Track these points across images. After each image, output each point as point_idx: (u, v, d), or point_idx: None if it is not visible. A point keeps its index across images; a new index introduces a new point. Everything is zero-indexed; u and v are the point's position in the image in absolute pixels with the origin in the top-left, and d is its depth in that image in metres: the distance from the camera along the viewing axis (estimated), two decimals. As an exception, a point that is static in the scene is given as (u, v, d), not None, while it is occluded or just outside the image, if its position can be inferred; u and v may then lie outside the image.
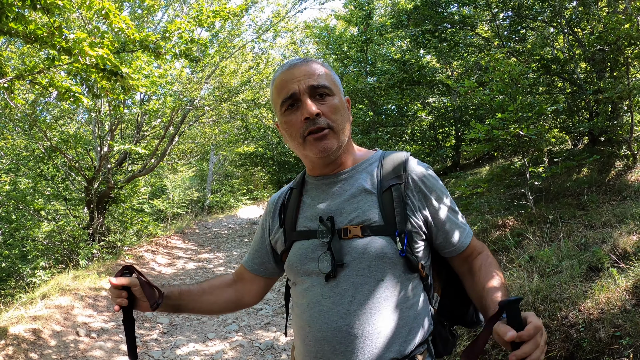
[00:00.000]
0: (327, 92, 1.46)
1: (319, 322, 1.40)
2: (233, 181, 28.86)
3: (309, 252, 1.48)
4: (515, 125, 6.02)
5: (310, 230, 1.51)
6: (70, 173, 11.42)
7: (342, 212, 1.47)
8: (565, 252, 4.75)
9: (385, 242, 1.39)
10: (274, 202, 1.72)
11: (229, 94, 13.55)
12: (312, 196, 1.58)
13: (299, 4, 14.97)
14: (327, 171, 1.56)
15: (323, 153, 1.45)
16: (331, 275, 1.40)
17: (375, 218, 1.43)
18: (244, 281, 1.79)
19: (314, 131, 1.43)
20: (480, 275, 1.44)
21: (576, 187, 6.79)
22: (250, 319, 6.58)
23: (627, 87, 5.93)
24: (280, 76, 1.50)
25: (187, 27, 7.32)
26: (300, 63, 1.50)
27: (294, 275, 1.54)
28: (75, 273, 7.86)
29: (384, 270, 1.39)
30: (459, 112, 12.79)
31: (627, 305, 3.51)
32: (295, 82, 1.45)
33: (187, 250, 12.33)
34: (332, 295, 1.40)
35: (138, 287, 1.58)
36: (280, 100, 1.48)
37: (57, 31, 4.72)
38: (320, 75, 1.48)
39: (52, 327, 5.40)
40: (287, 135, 1.52)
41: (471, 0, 8.86)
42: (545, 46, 8.07)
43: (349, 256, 1.40)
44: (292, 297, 1.58)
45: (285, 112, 1.48)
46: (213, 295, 1.73)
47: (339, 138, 1.47)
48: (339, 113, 1.47)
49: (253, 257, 1.76)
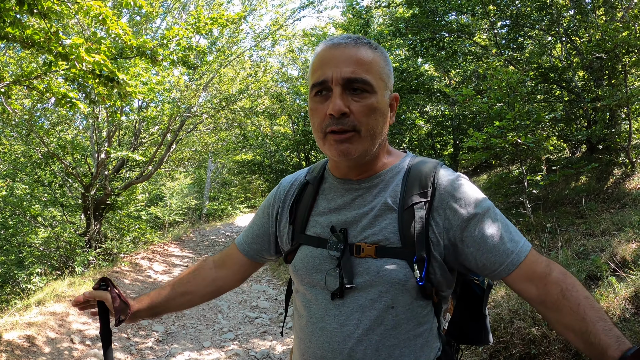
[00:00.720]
0: (365, 88, 1.25)
1: (321, 340, 1.32)
2: (231, 189, 28.85)
3: (316, 262, 1.37)
4: (513, 133, 6.01)
5: (320, 238, 1.39)
6: (67, 179, 11.39)
7: (357, 226, 1.33)
8: (564, 260, 4.72)
9: (400, 267, 1.26)
10: (285, 191, 1.57)
11: (227, 102, 13.55)
12: (329, 198, 1.44)
13: (298, 12, 15.00)
14: (350, 174, 1.40)
15: (341, 157, 1.28)
16: (337, 295, 1.30)
17: (393, 239, 1.28)
18: (229, 265, 1.70)
19: (335, 131, 1.25)
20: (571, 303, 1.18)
21: (574, 195, 6.77)
22: (246, 327, 6.54)
23: (625, 95, 5.93)
24: (320, 53, 1.31)
25: (185, 34, 7.30)
26: (345, 44, 1.28)
27: (298, 281, 1.44)
28: (71, 280, 7.81)
29: (395, 297, 1.26)
30: (457, 120, 12.78)
31: (626, 314, 3.49)
32: (332, 66, 1.25)
33: (184, 257, 12.28)
34: (338, 314, 1.30)
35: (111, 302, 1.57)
36: (312, 81, 1.30)
37: (54, 36, 4.70)
38: (364, 64, 1.26)
39: (46, 334, 5.35)
40: (311, 121, 1.34)
41: (469, 9, 8.88)
42: (543, 54, 8.09)
43: (359, 277, 1.28)
44: (295, 302, 1.50)
45: (315, 97, 1.30)
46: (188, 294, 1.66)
47: (366, 143, 1.27)
48: (374, 115, 1.27)
49: (251, 242, 1.64)
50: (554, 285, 1.21)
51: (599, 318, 1.14)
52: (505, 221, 1.31)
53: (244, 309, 7.47)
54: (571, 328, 1.17)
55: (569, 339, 1.21)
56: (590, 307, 1.16)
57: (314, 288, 1.37)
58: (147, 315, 1.64)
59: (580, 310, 1.16)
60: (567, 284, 1.21)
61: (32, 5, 4.35)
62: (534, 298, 1.24)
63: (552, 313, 1.21)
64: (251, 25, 14.73)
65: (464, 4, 8.83)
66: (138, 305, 1.61)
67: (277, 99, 15.88)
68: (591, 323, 1.13)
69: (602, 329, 1.12)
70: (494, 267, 1.26)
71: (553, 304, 1.21)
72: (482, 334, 1.51)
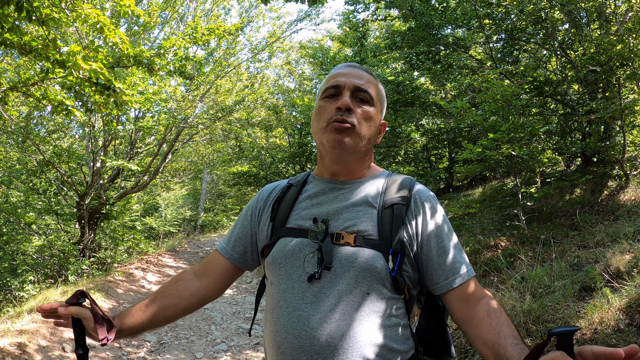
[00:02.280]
0: (367, 100, 1.51)
1: (298, 329, 1.33)
2: (226, 201, 28.76)
3: (295, 250, 1.44)
4: (507, 146, 6.04)
5: (301, 229, 1.48)
6: (63, 187, 11.36)
7: (338, 218, 1.45)
8: (558, 272, 4.73)
9: (377, 256, 1.36)
10: (268, 192, 1.68)
11: (223, 113, 13.57)
12: (311, 196, 1.56)
13: (295, 24, 15.10)
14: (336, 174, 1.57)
15: (336, 144, 1.45)
16: (315, 277, 1.35)
17: (372, 231, 1.40)
18: (211, 273, 1.66)
19: (339, 120, 1.45)
20: (492, 321, 1.31)
21: (569, 208, 6.79)
22: (239, 338, 6.50)
23: (619, 108, 5.98)
24: (335, 71, 1.58)
25: (182, 44, 7.33)
26: (358, 67, 1.58)
27: (274, 272, 1.47)
28: (64, 288, 7.76)
29: (371, 284, 1.35)
30: (452, 134, 12.84)
31: (620, 324, 3.49)
32: (344, 77, 1.52)
33: (178, 268, 12.22)
34: (314, 300, 1.35)
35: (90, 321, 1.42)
36: (325, 86, 1.55)
37: (51, 43, 4.73)
38: (370, 84, 1.54)
39: (38, 342, 5.30)
40: (315, 118, 1.57)
41: (465, 23, 8.95)
42: (538, 68, 8.14)
43: (337, 262, 1.36)
44: (268, 298, 1.51)
45: (324, 98, 1.54)
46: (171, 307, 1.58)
47: (358, 140, 1.48)
48: (368, 123, 1.51)
49: (234, 245, 1.66)
50: (483, 306, 1.36)
51: (512, 336, 1.25)
52: (460, 246, 1.48)
53: (238, 320, 7.43)
54: (486, 342, 1.29)
55: (482, 353, 1.32)
56: (507, 326, 1.29)
57: (290, 277, 1.41)
58: (129, 334, 1.53)
59: (498, 327, 1.29)
60: (494, 307, 1.36)
61: (31, 12, 4.37)
62: (464, 317, 1.39)
63: (475, 330, 1.34)
64: (248, 37, 14.77)
65: (459, 18, 8.90)
66: (119, 323, 1.49)
67: (273, 110, 15.92)
68: (503, 338, 1.25)
69: (511, 343, 1.22)
70: (439, 280, 1.42)
71: (478, 321, 1.34)
72: (444, 345, 1.58)
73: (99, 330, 1.41)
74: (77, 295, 1.46)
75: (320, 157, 1.61)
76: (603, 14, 7.26)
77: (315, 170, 1.66)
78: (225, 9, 14.89)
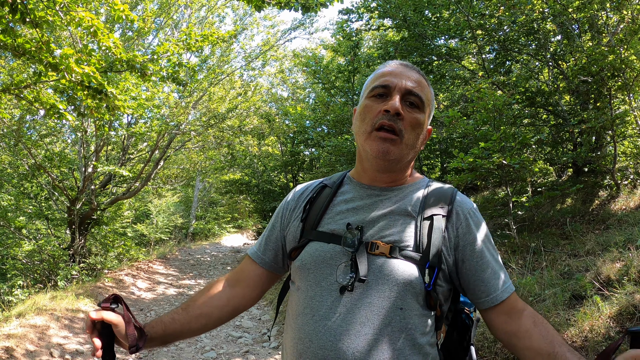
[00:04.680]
0: (418, 104, 1.40)
1: (323, 339, 1.25)
2: (218, 209, 28.67)
3: (327, 257, 1.35)
4: (498, 155, 6.06)
5: (334, 234, 1.39)
6: (54, 192, 11.28)
7: (374, 225, 1.36)
8: (549, 280, 4.74)
9: (413, 270, 1.28)
10: (300, 192, 1.60)
11: (216, 120, 13.58)
12: (347, 200, 1.47)
13: (289, 33, 15.21)
14: (376, 182, 1.46)
15: (380, 155, 1.36)
16: (348, 289, 1.28)
17: (409, 242, 1.32)
18: (244, 281, 1.60)
19: (385, 128, 1.35)
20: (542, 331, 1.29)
21: (560, 217, 6.82)
22: (229, 346, 6.46)
23: (610, 118, 6.03)
24: (387, 67, 1.46)
25: (176, 50, 7.32)
26: (412, 69, 1.46)
27: (302, 277, 1.39)
28: (53, 294, 7.71)
29: (405, 299, 1.27)
30: (445, 144, 12.87)
31: (611, 332, 3.50)
32: (396, 77, 1.40)
33: (168, 276, 12.16)
34: (344, 312, 1.27)
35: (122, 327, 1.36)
36: (373, 84, 1.43)
37: (44, 46, 4.71)
38: (423, 88, 1.42)
39: (25, 347, 5.26)
40: (359, 119, 1.44)
41: (458, 33, 9.01)
42: (530, 79, 8.20)
43: (371, 274, 1.28)
44: (292, 302, 1.43)
45: (371, 97, 1.42)
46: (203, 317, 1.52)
47: (404, 150, 1.38)
48: (416, 130, 1.39)
49: (265, 249, 1.59)
50: (527, 317, 1.33)
51: (564, 343, 1.26)
52: (500, 261, 1.41)
53: (227, 328, 7.39)
54: (540, 352, 1.26)
55: None
56: (556, 335, 1.29)
57: (319, 284, 1.34)
58: (159, 343, 1.47)
59: (549, 336, 1.27)
60: (538, 317, 1.34)
61: (25, 14, 4.36)
62: (509, 330, 1.34)
63: (525, 341, 1.30)
64: (242, 45, 14.83)
65: (452, 28, 8.96)
66: (150, 332, 1.42)
67: (266, 119, 15.94)
68: (558, 345, 1.24)
69: (568, 349, 1.23)
70: (482, 296, 1.36)
71: (525, 332, 1.30)
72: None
73: (129, 336, 1.35)
74: (111, 300, 1.39)
75: (359, 160, 1.50)
76: (595, 25, 7.33)
77: (353, 172, 1.56)
78: (220, 17, 14.99)
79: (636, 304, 3.62)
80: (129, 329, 1.35)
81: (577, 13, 6.96)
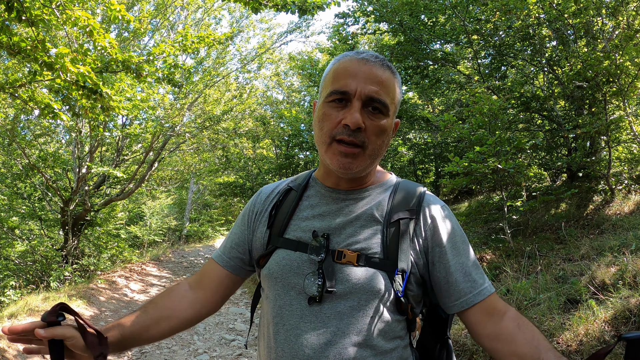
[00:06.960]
0: (381, 110, 1.27)
1: (295, 348, 1.24)
2: (212, 211, 28.63)
3: (294, 265, 1.31)
4: (493, 159, 6.07)
5: (300, 241, 1.34)
6: (47, 193, 11.23)
7: (341, 233, 1.32)
8: (543, 284, 4.74)
9: (381, 277, 1.25)
10: (265, 195, 1.52)
11: (211, 122, 13.55)
12: (313, 204, 1.41)
13: (285, 36, 15.19)
14: (341, 185, 1.39)
15: (341, 170, 1.28)
16: (316, 300, 1.25)
17: (376, 249, 1.28)
18: (207, 284, 1.53)
19: (345, 142, 1.25)
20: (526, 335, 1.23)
21: (554, 222, 6.84)
22: (222, 349, 6.42)
23: (605, 123, 6.05)
24: (346, 63, 1.31)
25: (172, 52, 7.31)
26: (373, 62, 1.29)
27: (270, 286, 1.36)
28: (46, 295, 7.66)
29: (375, 307, 1.24)
30: (440, 148, 12.91)
31: (606, 336, 3.50)
32: (357, 80, 1.26)
33: (161, 277, 12.10)
34: (314, 320, 1.25)
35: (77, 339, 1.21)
36: (331, 88, 1.29)
37: (40, 45, 4.69)
38: (386, 87, 1.29)
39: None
40: (317, 125, 1.33)
41: (453, 38, 9.04)
42: (526, 84, 8.23)
43: (340, 284, 1.25)
44: (264, 310, 1.40)
45: (329, 102, 1.29)
46: (164, 320, 1.43)
47: (367, 161, 1.29)
48: (382, 137, 1.30)
49: (230, 251, 1.52)
50: (510, 320, 1.27)
51: (551, 348, 1.19)
52: (476, 261, 1.36)
53: (221, 330, 7.35)
54: (525, 357, 1.20)
55: None
56: (542, 339, 1.22)
57: (288, 293, 1.31)
58: (119, 349, 1.34)
59: (534, 341, 1.21)
60: (523, 320, 1.28)
61: (21, 12, 4.34)
62: (489, 333, 1.28)
63: (508, 346, 1.24)
64: (238, 47, 14.83)
65: (448, 33, 8.99)
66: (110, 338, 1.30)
67: (261, 122, 15.92)
68: (544, 351, 1.18)
69: (555, 355, 1.16)
70: (457, 297, 1.30)
71: (509, 336, 1.25)
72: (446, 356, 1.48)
73: (90, 346, 1.22)
74: (57, 312, 1.21)
75: (322, 162, 1.42)
76: (590, 31, 7.37)
77: (317, 172, 1.49)
78: (216, 19, 14.99)
79: (631, 308, 3.63)
80: (88, 339, 1.22)
81: (573, 19, 7.00)
